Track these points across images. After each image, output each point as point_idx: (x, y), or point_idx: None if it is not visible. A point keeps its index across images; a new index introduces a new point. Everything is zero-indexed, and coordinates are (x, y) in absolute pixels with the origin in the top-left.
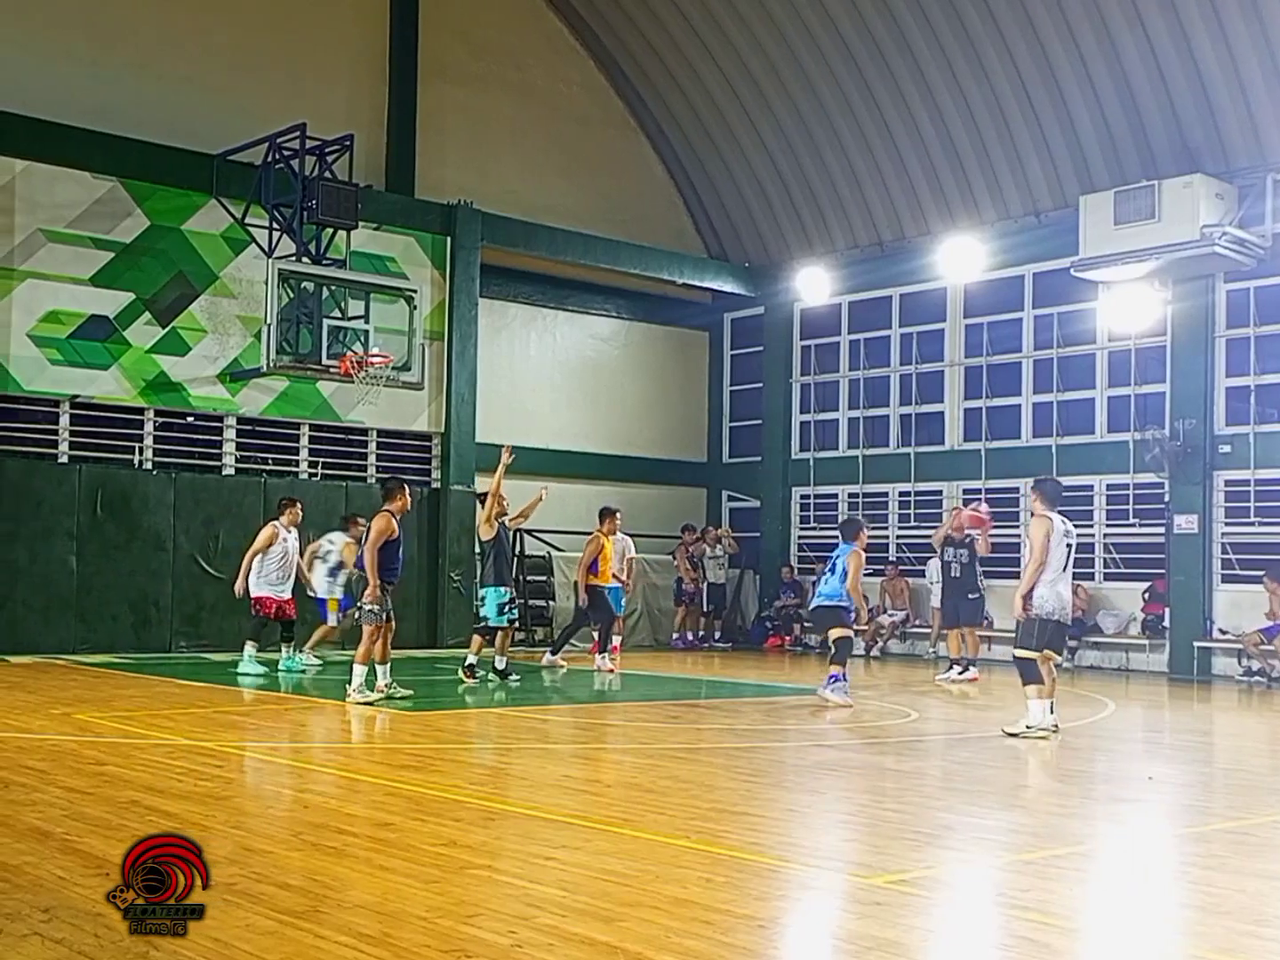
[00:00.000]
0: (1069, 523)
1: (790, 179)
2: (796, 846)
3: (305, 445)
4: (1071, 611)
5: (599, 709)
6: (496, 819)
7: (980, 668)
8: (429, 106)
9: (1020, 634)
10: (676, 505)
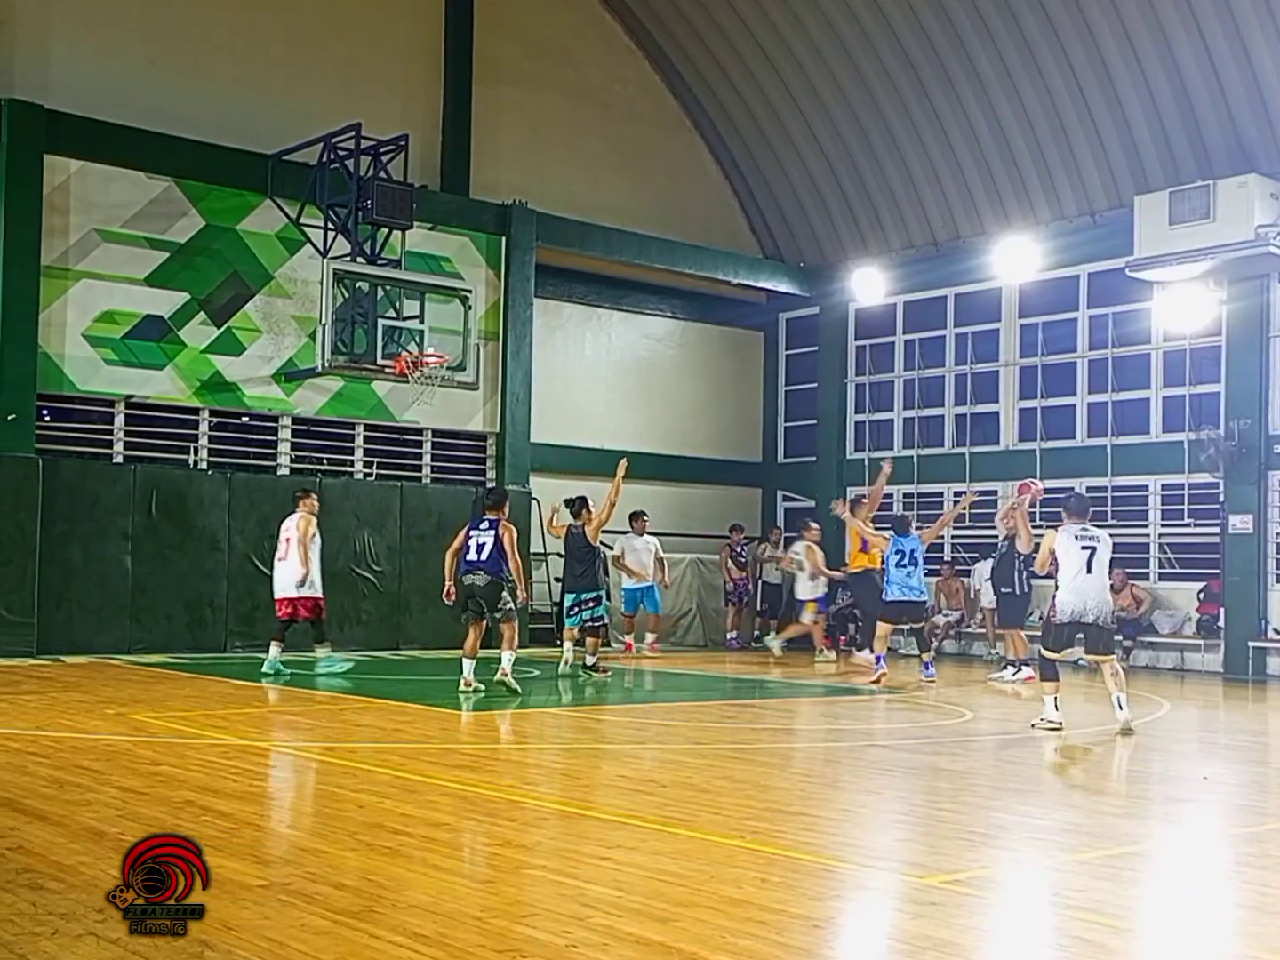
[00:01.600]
0: (1092, 529)
1: (845, 178)
2: (851, 846)
3: (360, 445)
4: (1109, 610)
5: (654, 709)
6: (551, 819)
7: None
8: (484, 106)
9: (1042, 634)
10: (731, 505)
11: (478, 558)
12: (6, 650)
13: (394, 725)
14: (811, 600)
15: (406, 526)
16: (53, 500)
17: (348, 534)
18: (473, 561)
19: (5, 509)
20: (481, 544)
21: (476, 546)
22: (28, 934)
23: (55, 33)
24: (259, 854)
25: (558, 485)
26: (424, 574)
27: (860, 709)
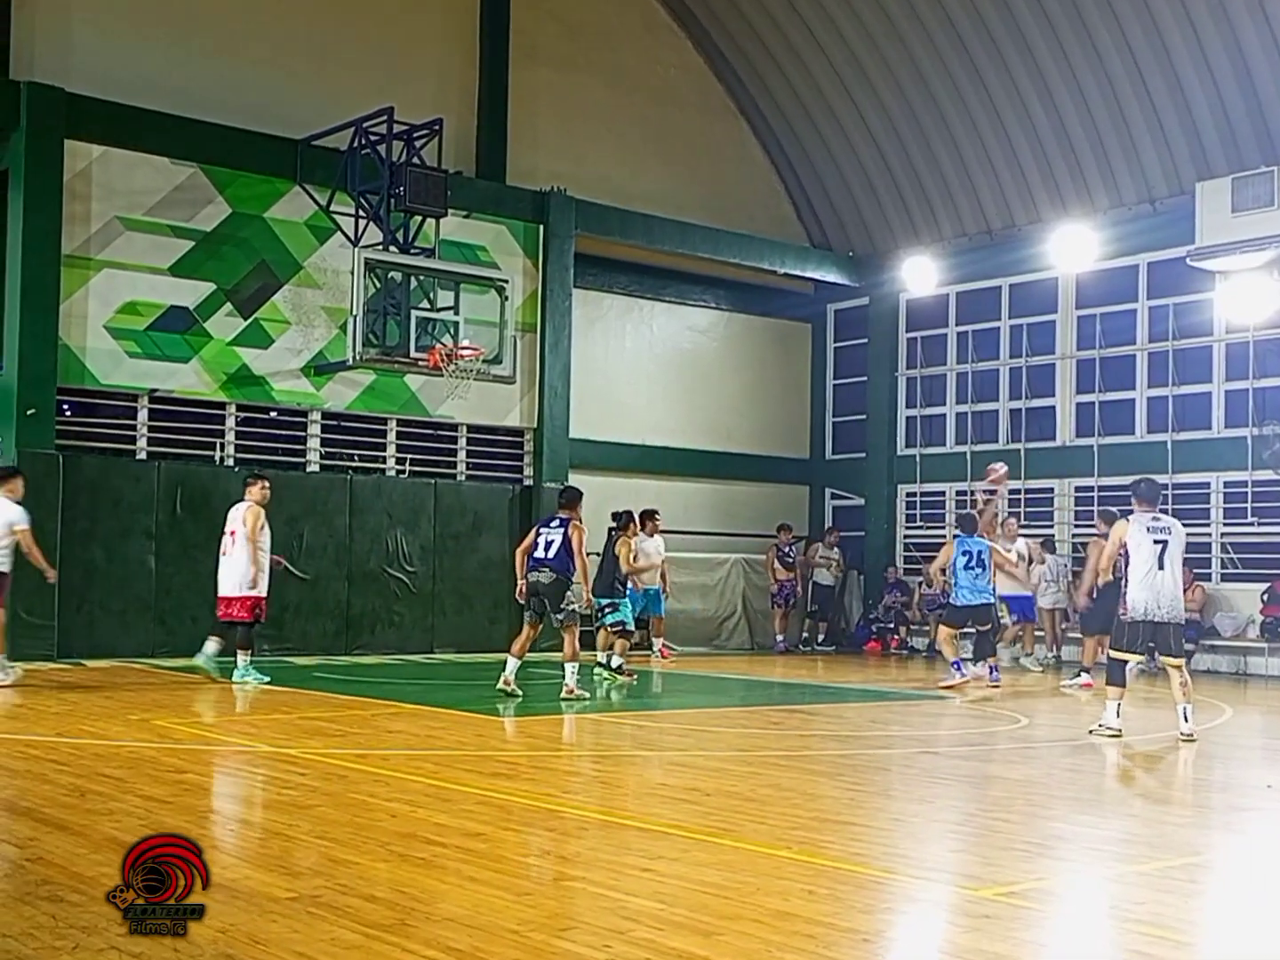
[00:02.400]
0: (1164, 519)
1: (896, 164)
2: (902, 857)
3: (393, 441)
4: (1182, 609)
5: (697, 715)
6: (591, 829)
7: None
8: (520, 90)
9: (1113, 635)
10: (777, 503)
11: (544, 555)
12: (26, 654)
13: (428, 731)
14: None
15: (440, 525)
16: (74, 498)
17: (379, 533)
18: (539, 559)
19: (25, 507)
20: (550, 541)
21: (545, 544)
22: (48, 948)
23: (76, 13)
24: (287, 865)
25: (597, 482)
26: (458, 574)
27: (912, 714)
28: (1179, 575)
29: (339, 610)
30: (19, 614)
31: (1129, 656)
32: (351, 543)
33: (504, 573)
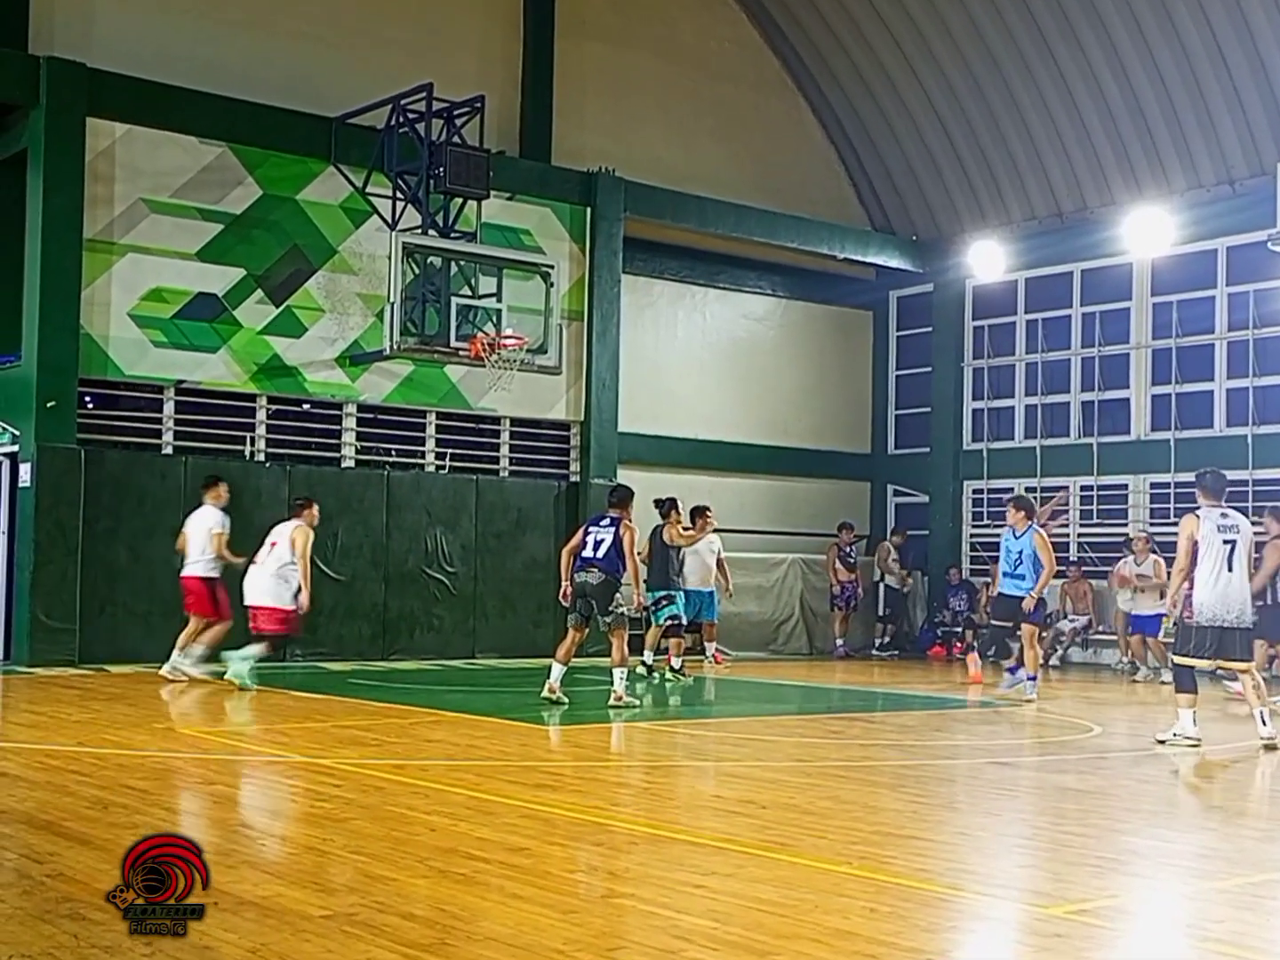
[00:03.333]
0: (1232, 515)
1: (962, 144)
2: (968, 873)
3: (432, 435)
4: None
5: (753, 723)
6: (641, 843)
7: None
8: (567, 65)
9: (1178, 640)
10: (837, 501)
11: (593, 555)
12: (46, 659)
13: (469, 741)
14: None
15: (482, 524)
16: (96, 495)
17: (418, 532)
18: (588, 559)
19: (45, 505)
20: (600, 541)
21: (594, 543)
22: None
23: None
24: (321, 881)
25: (647, 478)
26: (501, 575)
27: (977, 723)
28: (1246, 575)
29: (375, 613)
30: (38, 616)
31: (1196, 663)
32: (389, 542)
33: (549, 573)
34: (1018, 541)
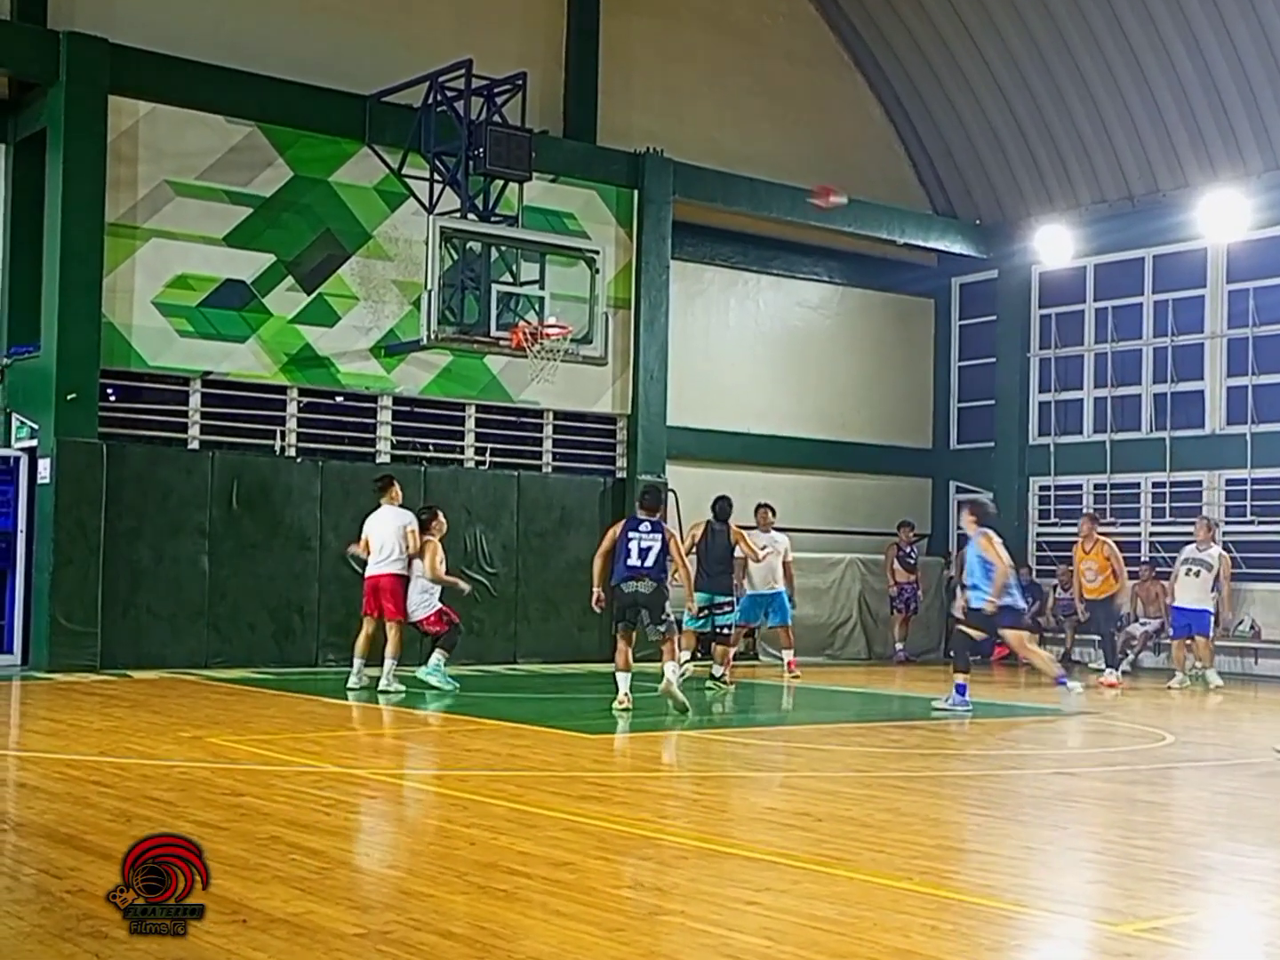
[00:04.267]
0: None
1: (1027, 122)
2: (1035, 889)
3: (471, 429)
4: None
5: (808, 732)
6: (690, 857)
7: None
8: (613, 40)
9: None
10: (897, 498)
11: (641, 563)
12: (66, 664)
13: (510, 750)
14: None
15: (524, 522)
16: (118, 492)
17: (457, 531)
18: (636, 567)
19: (65, 502)
20: (646, 548)
21: (640, 551)
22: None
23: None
24: (355, 898)
25: (697, 474)
26: (544, 576)
27: (1044, 732)
28: None
29: None
30: (58, 619)
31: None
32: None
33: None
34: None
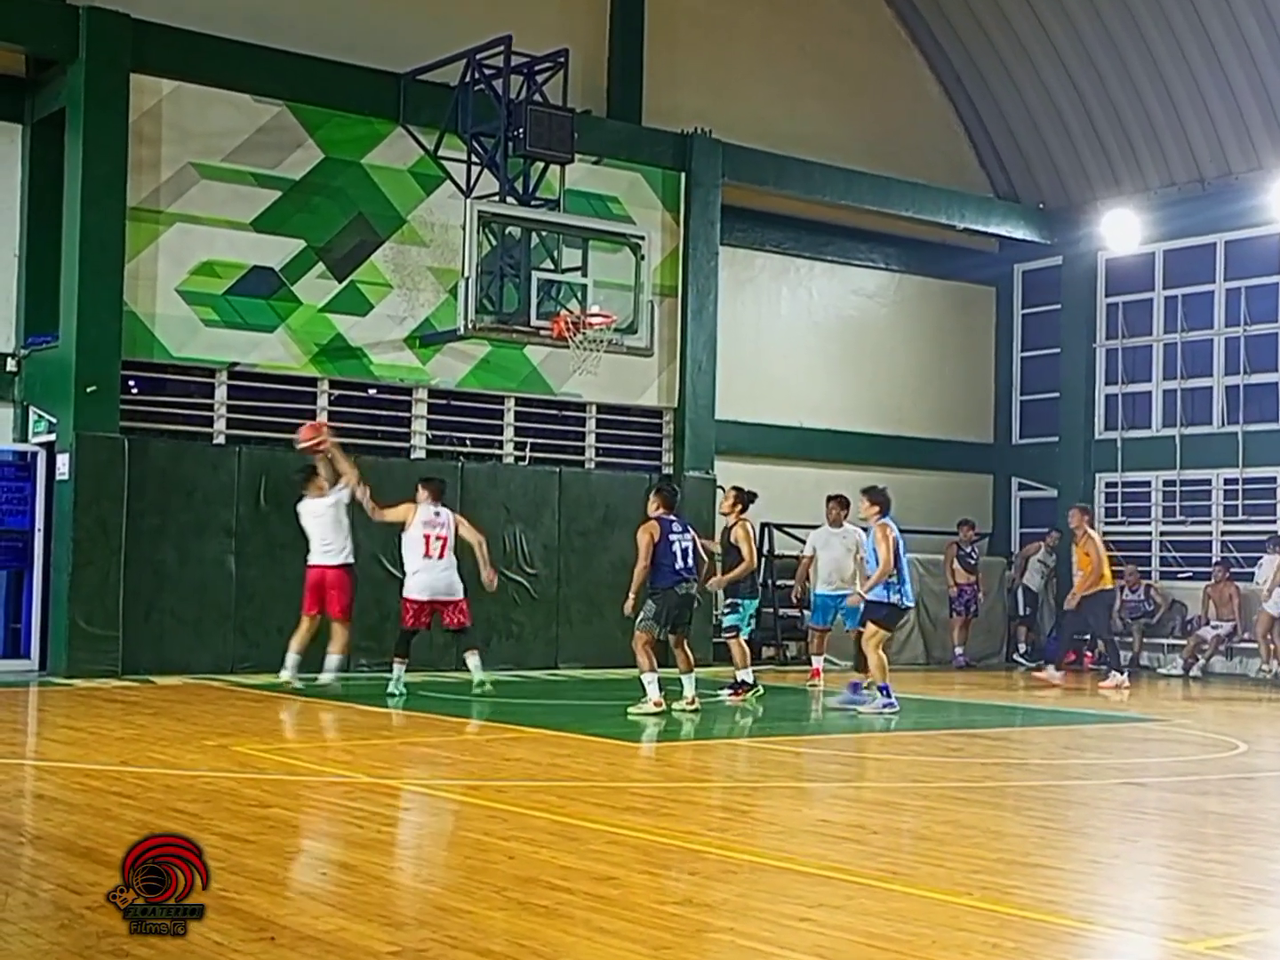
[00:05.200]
0: None
1: (1093, 102)
2: (1101, 905)
3: (510, 423)
4: None
5: (862, 740)
6: (740, 872)
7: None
8: (659, 15)
9: None
10: (956, 495)
11: (685, 564)
12: (86, 670)
13: (551, 759)
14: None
15: (566, 520)
16: (141, 489)
17: (495, 530)
18: (685, 570)
19: (84, 500)
20: (685, 549)
21: (682, 552)
22: None
23: None
24: (389, 914)
25: (747, 471)
26: (587, 577)
27: (1110, 740)
28: None
29: None
30: (77, 623)
31: None
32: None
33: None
34: (869, 540)
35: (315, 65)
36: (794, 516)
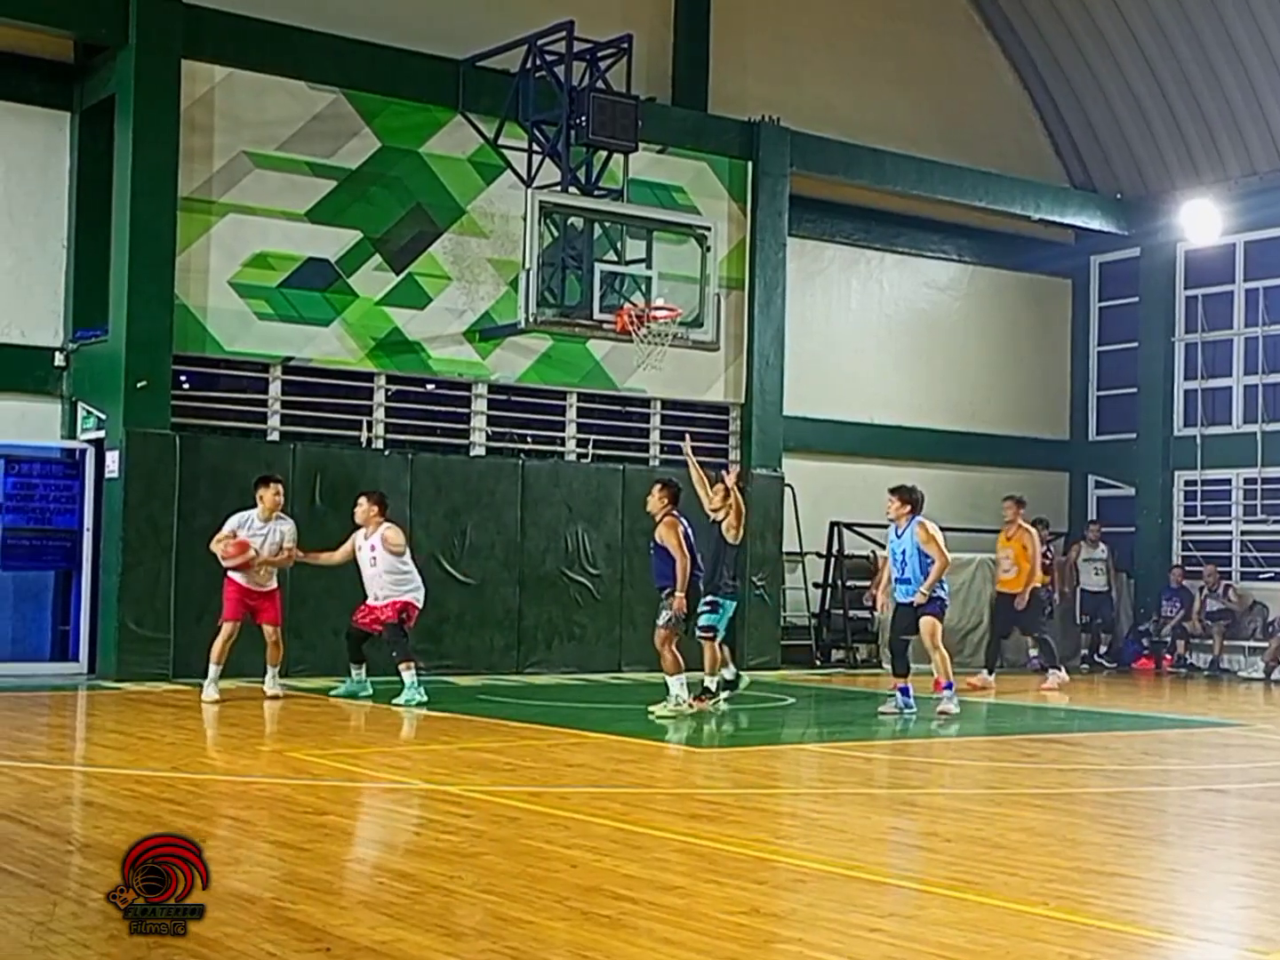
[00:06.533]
0: None
1: (1172, 89)
2: (1180, 915)
3: (572, 419)
4: None
5: (934, 745)
6: (808, 881)
7: None
8: (725, 1)
9: None
10: (1031, 493)
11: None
12: (136, 673)
13: (614, 765)
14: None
15: (630, 519)
16: (193, 487)
17: (557, 529)
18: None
19: (135, 498)
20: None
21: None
22: None
23: None
24: (447, 924)
25: (815, 468)
26: (651, 579)
27: (1192, 745)
28: None
29: (509, 621)
30: (127, 625)
31: None
32: (523, 540)
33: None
34: (899, 540)
35: (372, 51)
36: (863, 515)
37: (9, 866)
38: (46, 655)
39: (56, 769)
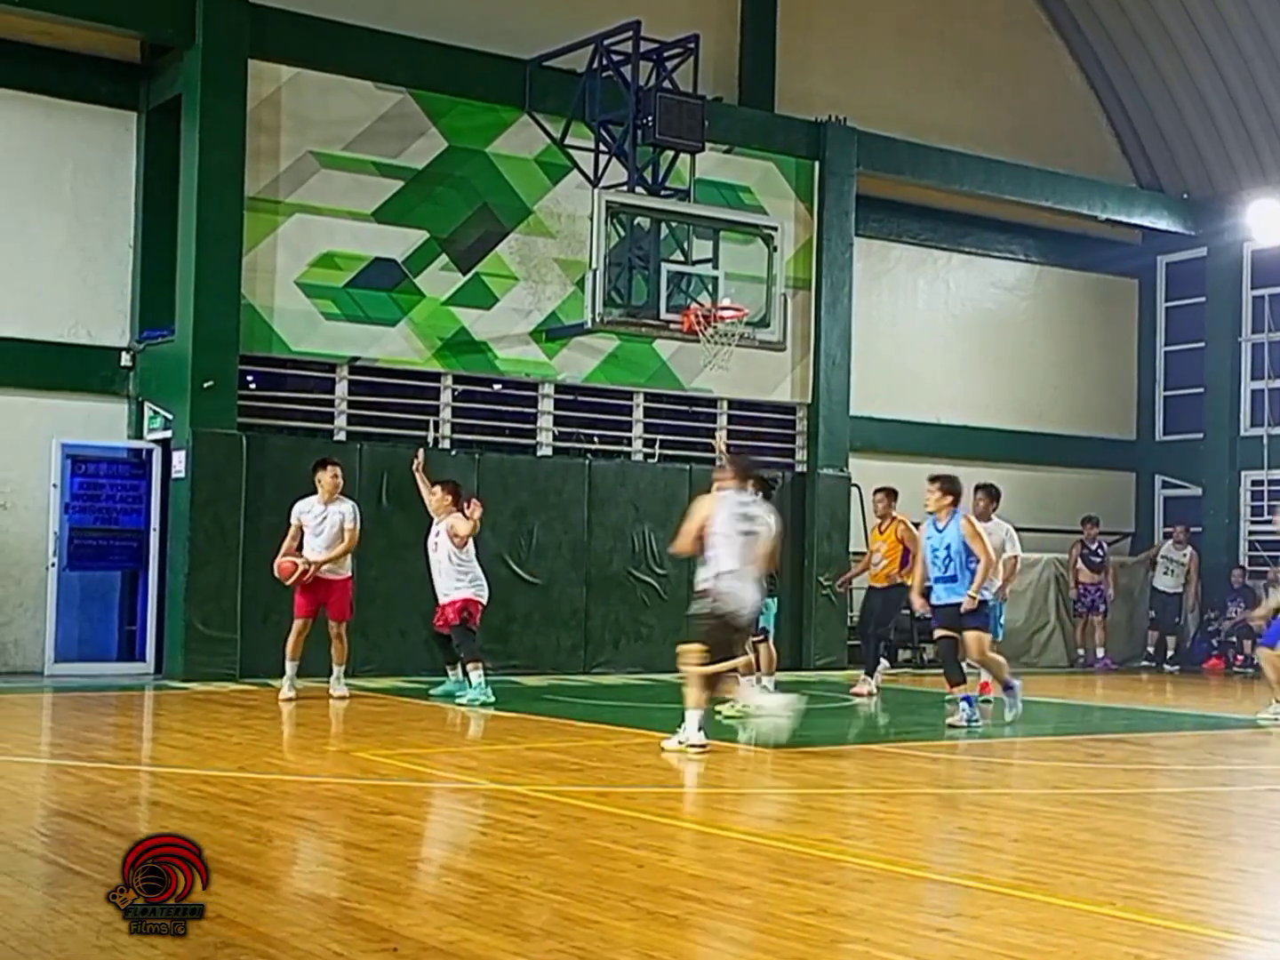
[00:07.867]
0: None
1: (1239, 89)
2: (1247, 915)
3: (639, 419)
4: None
5: (1000, 746)
6: (876, 881)
7: None
8: (792, 0)
9: None
10: (1098, 493)
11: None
12: (203, 673)
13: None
14: None
15: None
16: (259, 487)
17: (623, 529)
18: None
19: (201, 498)
20: None
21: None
22: None
23: None
24: (514, 924)
25: (882, 468)
26: None
27: (1259, 746)
28: None
29: (575, 621)
30: (194, 625)
31: None
32: (590, 540)
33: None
34: (942, 535)
35: (439, 51)
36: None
37: (76, 866)
38: (113, 655)
39: (123, 769)
